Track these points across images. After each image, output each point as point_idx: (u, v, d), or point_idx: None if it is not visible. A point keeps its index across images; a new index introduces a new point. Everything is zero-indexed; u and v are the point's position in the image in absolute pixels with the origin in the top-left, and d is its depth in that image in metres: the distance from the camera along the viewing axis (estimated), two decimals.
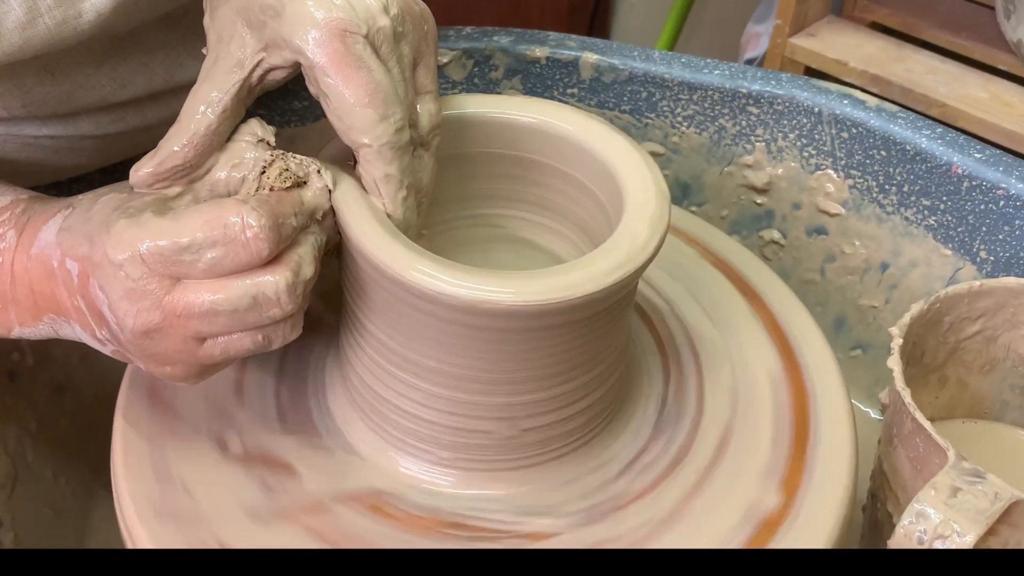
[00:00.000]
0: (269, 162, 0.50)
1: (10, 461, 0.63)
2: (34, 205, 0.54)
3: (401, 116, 0.48)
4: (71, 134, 0.63)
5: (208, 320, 0.47)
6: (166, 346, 0.48)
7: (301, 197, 0.49)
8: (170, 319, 0.47)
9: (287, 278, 0.46)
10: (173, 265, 0.46)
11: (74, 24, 0.54)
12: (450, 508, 0.53)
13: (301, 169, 0.50)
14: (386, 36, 0.48)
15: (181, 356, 0.49)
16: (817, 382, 0.59)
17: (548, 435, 0.53)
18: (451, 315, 0.48)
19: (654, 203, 0.51)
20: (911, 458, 0.56)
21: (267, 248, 0.46)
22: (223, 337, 0.48)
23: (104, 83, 0.62)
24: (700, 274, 0.66)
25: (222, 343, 0.48)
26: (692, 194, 0.81)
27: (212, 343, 0.48)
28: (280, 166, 0.50)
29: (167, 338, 0.48)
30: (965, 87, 1.05)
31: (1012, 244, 0.69)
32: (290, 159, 0.50)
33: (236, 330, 0.48)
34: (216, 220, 0.46)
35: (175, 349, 0.48)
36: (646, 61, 0.78)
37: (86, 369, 0.70)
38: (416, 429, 0.53)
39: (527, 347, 0.49)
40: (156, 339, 0.48)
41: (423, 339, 0.50)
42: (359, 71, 0.47)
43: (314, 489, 0.53)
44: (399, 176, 0.49)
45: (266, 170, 0.50)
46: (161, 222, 0.46)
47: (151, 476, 0.53)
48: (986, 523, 0.49)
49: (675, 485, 0.54)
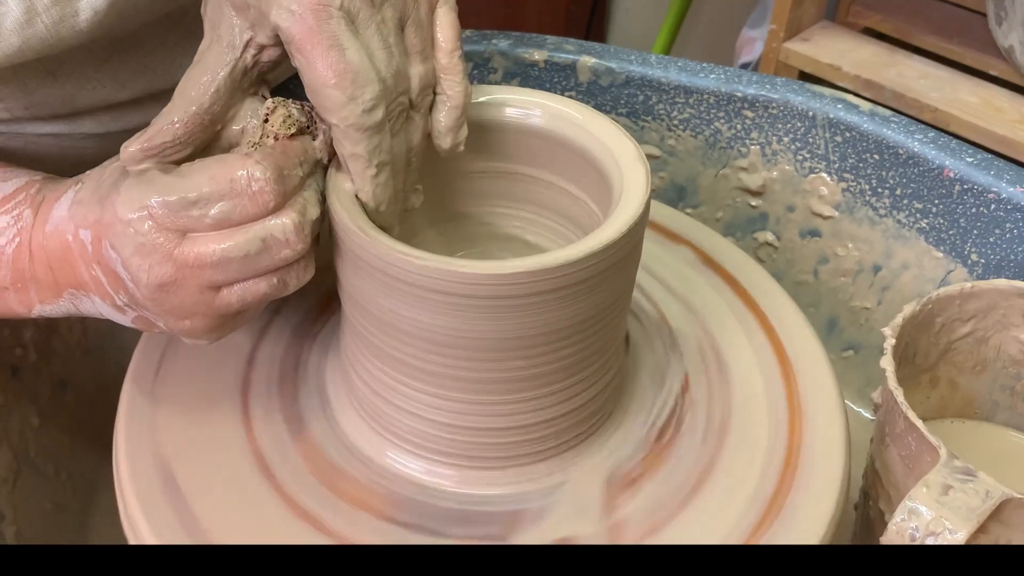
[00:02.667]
0: (272, 109, 0.50)
1: (12, 455, 0.63)
2: (48, 184, 0.54)
3: (372, 95, 0.48)
4: (73, 132, 0.64)
5: (221, 268, 0.47)
6: (182, 298, 0.49)
7: (304, 145, 0.49)
8: (183, 270, 0.47)
9: (294, 219, 0.47)
10: (182, 220, 0.47)
11: (71, 23, 0.54)
12: (451, 506, 0.53)
13: (304, 115, 0.50)
14: (363, 3, 0.48)
15: (199, 308, 0.49)
16: (810, 382, 0.60)
17: (548, 432, 0.54)
18: (446, 297, 0.48)
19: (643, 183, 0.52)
20: (903, 456, 0.57)
21: (273, 200, 0.47)
22: (238, 284, 0.49)
23: (105, 84, 0.62)
24: (695, 275, 0.67)
25: (238, 290, 0.49)
26: (687, 196, 0.82)
27: (228, 291, 0.49)
28: (283, 113, 0.49)
29: (182, 289, 0.48)
30: (957, 92, 1.06)
31: (1003, 247, 0.70)
32: (291, 105, 0.50)
33: (250, 276, 0.48)
34: (222, 175, 0.46)
35: (192, 300, 0.49)
36: (643, 65, 0.78)
37: (88, 365, 0.71)
38: (417, 428, 0.53)
39: (515, 335, 0.49)
40: (172, 292, 0.48)
41: (413, 337, 0.50)
42: (329, 50, 0.47)
43: (313, 484, 0.54)
44: (366, 156, 0.49)
45: (269, 118, 0.50)
46: (168, 179, 0.47)
47: (153, 471, 0.54)
48: (977, 520, 0.50)
49: (670, 484, 0.55)
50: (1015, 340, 0.66)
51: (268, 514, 0.52)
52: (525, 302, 0.48)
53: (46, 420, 0.68)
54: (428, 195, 0.57)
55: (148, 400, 0.57)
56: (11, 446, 0.64)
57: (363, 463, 0.55)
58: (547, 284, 0.47)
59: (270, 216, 0.47)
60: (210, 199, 0.46)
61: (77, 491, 0.70)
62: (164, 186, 0.47)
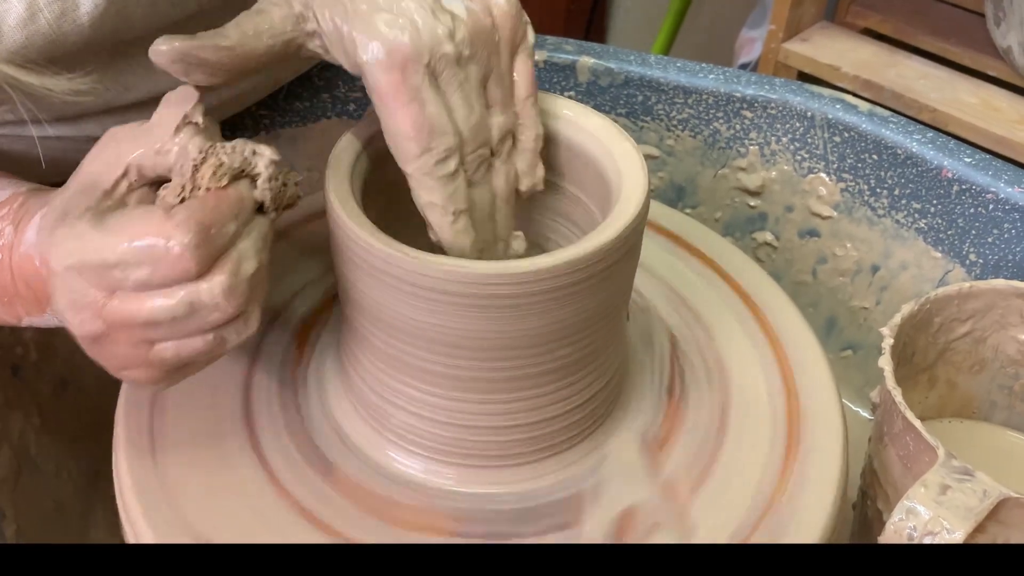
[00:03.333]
0: (201, 160, 0.45)
1: (13, 454, 0.63)
2: (31, 198, 0.53)
3: (445, 147, 0.49)
4: (76, 135, 0.64)
5: (150, 328, 0.46)
6: (116, 351, 0.47)
7: (241, 193, 0.46)
8: (113, 327, 0.46)
9: (223, 282, 0.45)
10: (106, 280, 0.45)
11: (72, 17, 0.54)
12: (452, 505, 0.53)
13: (237, 159, 0.45)
14: (448, 62, 0.48)
15: (136, 361, 0.47)
16: (808, 381, 0.60)
17: (547, 431, 0.54)
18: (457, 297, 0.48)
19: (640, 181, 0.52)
20: (901, 456, 0.57)
21: (195, 267, 0.44)
22: (171, 342, 0.47)
23: (109, 87, 0.62)
24: (693, 275, 0.67)
25: (172, 347, 0.47)
26: (686, 196, 0.82)
27: (162, 347, 0.47)
28: (213, 164, 0.45)
29: (115, 344, 0.47)
30: (955, 92, 1.06)
31: (1001, 247, 0.70)
32: (222, 152, 0.45)
33: (182, 335, 0.46)
34: (141, 237, 0.44)
35: (126, 354, 0.47)
36: (642, 65, 0.78)
37: (89, 364, 0.70)
38: (416, 427, 0.53)
39: (518, 335, 0.49)
40: (106, 345, 0.47)
41: (417, 338, 0.50)
42: (410, 104, 0.48)
43: (314, 482, 0.54)
44: (442, 204, 0.50)
45: (199, 168, 0.45)
46: (93, 235, 0.45)
47: (152, 471, 0.54)
48: (975, 520, 0.50)
49: (696, 436, 0.56)
50: (1013, 340, 0.66)
51: (270, 508, 0.52)
52: (525, 301, 0.48)
53: (47, 419, 0.68)
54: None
55: (148, 402, 0.57)
56: (12, 445, 0.64)
57: (411, 489, 0.54)
58: (547, 284, 0.47)
59: (198, 280, 0.45)
60: (129, 263, 0.44)
61: (77, 491, 0.70)
62: (87, 245, 0.45)
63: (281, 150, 0.76)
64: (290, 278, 0.64)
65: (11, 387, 0.66)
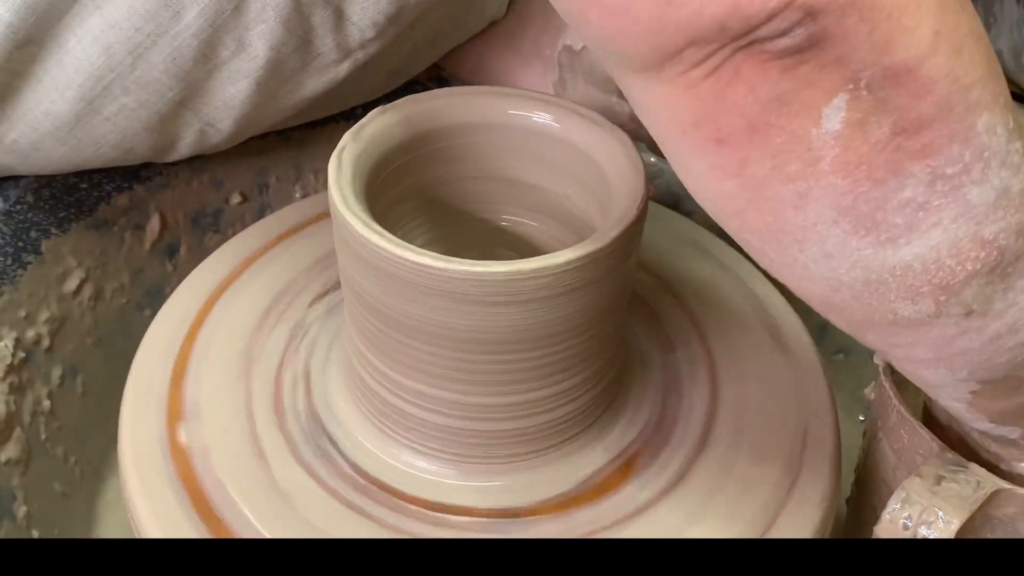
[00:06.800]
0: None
1: (25, 438, 0.64)
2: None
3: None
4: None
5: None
6: None
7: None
8: None
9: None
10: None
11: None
12: (453, 502, 0.54)
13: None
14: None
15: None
16: (805, 379, 0.62)
17: (548, 430, 0.55)
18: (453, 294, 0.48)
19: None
20: (895, 450, 0.58)
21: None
22: None
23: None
24: (692, 275, 0.68)
25: None
26: (682, 203, 0.83)
27: None
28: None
29: None
30: None
31: None
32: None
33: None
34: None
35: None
36: None
37: (99, 353, 0.71)
38: (419, 429, 0.54)
39: (519, 334, 0.50)
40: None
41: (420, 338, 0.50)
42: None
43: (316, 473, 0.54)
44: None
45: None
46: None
47: (160, 464, 0.54)
48: (969, 509, 0.51)
49: (662, 479, 0.56)
50: None
51: (274, 497, 0.53)
52: (524, 300, 0.48)
53: (57, 406, 0.68)
54: (429, 197, 0.58)
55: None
56: (23, 428, 0.64)
57: (366, 456, 0.55)
58: (545, 284, 0.48)
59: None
60: None
61: (84, 477, 0.70)
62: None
63: (291, 151, 0.78)
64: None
65: (24, 371, 0.66)
